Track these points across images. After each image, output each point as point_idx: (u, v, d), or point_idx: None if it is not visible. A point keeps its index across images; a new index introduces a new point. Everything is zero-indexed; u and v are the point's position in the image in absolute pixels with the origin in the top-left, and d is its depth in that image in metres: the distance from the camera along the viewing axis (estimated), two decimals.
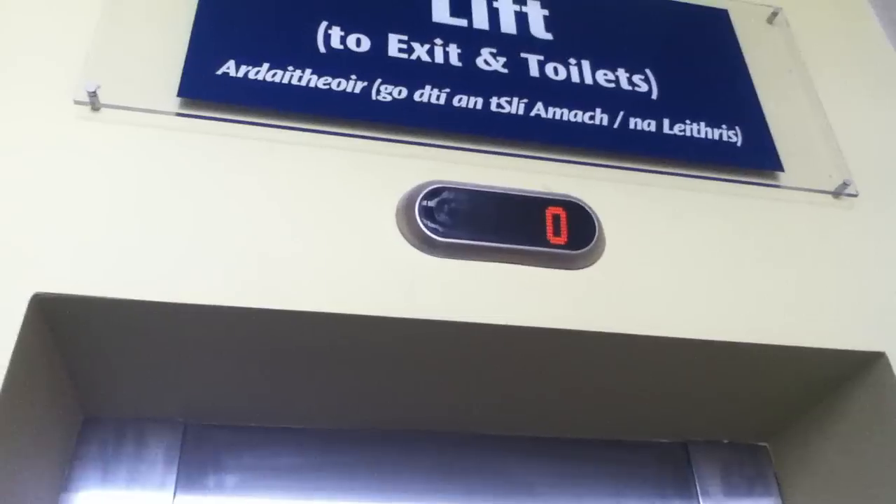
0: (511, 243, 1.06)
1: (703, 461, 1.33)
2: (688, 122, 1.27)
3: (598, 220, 1.11)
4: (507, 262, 1.05)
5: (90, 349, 0.97)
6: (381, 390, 1.12)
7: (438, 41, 1.24)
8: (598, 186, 1.16)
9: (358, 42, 1.19)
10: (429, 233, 1.03)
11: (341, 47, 1.18)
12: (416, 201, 1.05)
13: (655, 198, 1.18)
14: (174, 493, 1.08)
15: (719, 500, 1.29)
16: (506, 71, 1.24)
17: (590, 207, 1.12)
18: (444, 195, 1.07)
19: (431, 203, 1.06)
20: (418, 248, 1.03)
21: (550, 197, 1.12)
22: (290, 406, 1.14)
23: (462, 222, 1.06)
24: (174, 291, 0.91)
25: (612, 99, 1.26)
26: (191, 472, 1.11)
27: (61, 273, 0.89)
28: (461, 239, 1.04)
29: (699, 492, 1.30)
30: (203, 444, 1.13)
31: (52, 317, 0.90)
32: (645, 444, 1.32)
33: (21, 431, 0.90)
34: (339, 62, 1.16)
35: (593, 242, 1.09)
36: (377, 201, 1.05)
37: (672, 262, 1.12)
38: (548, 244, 1.07)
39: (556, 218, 1.10)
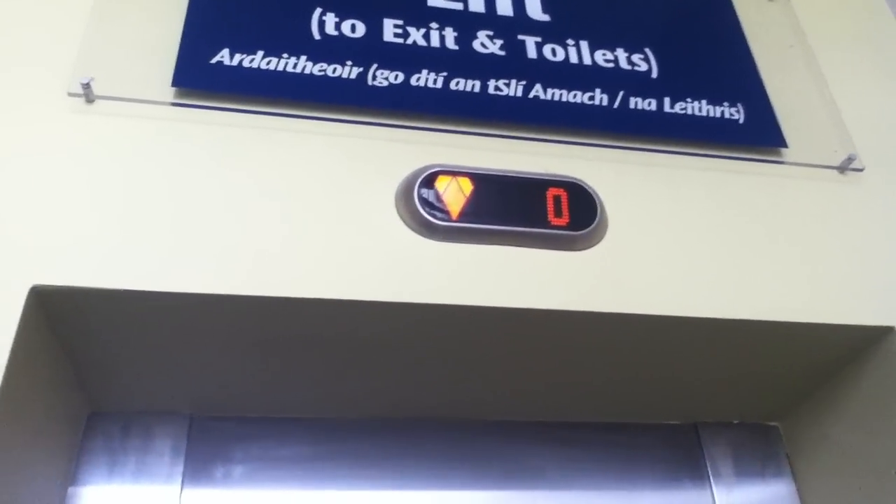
0: (512, 226, 1.05)
1: (713, 443, 1.31)
2: (689, 100, 1.25)
3: (600, 201, 1.10)
4: (508, 245, 1.04)
5: (92, 342, 0.97)
6: (386, 378, 1.11)
7: (434, 25, 1.22)
8: (600, 167, 1.15)
9: (353, 28, 1.18)
10: (428, 217, 1.02)
11: (336, 33, 1.16)
12: (414, 186, 1.04)
13: (658, 177, 1.17)
14: (182, 485, 1.08)
15: (731, 481, 1.28)
16: (503, 53, 1.22)
17: (591, 188, 1.10)
18: (443, 179, 1.06)
19: (430, 187, 1.04)
20: (418, 233, 1.02)
21: (551, 178, 1.10)
22: (295, 396, 1.13)
23: (462, 206, 1.05)
24: (173, 281, 0.90)
25: (611, 79, 1.24)
26: (198, 464, 1.10)
27: (59, 265, 0.88)
28: (461, 223, 1.03)
29: (711, 473, 1.29)
30: (209, 436, 1.13)
31: (51, 310, 0.89)
32: (655, 427, 1.31)
33: (26, 426, 0.90)
34: (334, 48, 1.14)
35: (595, 223, 1.08)
36: (376, 187, 1.04)
37: (676, 241, 1.11)
38: (549, 226, 1.06)
39: (557, 199, 1.08)
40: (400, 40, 1.19)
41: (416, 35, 1.20)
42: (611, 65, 1.26)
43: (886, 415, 1.13)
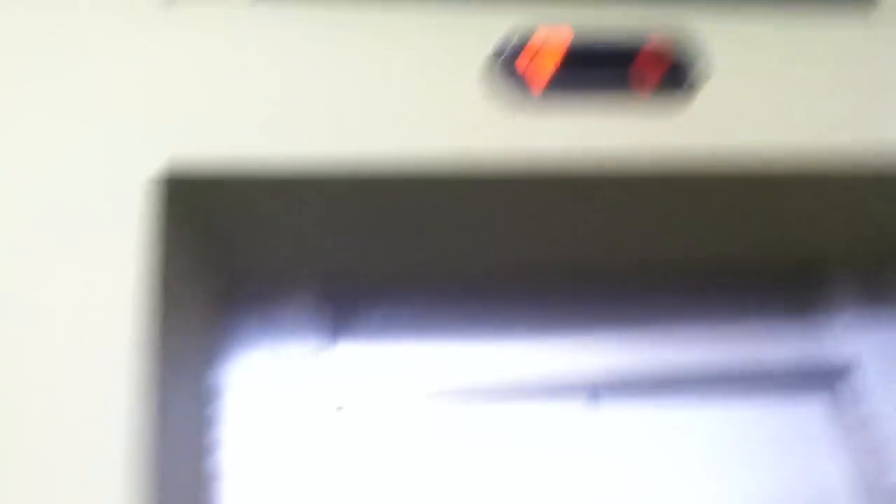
0: (604, 93, 1.05)
1: (834, 283, 1.32)
2: None
3: (693, 61, 1.10)
4: (605, 106, 1.05)
5: (227, 221, 1.04)
6: (506, 234, 1.16)
7: None
8: (693, 26, 1.13)
9: None
10: (518, 88, 1.03)
11: None
12: (501, 57, 1.05)
13: (752, 33, 1.15)
14: (327, 340, 1.18)
15: (852, 322, 1.29)
16: None
17: (683, 49, 1.10)
18: (533, 49, 1.07)
19: (518, 58, 1.06)
20: (508, 105, 1.03)
21: (640, 42, 1.10)
22: (421, 257, 1.19)
23: (554, 74, 1.06)
24: (292, 158, 0.96)
25: None
26: (339, 320, 1.21)
27: (190, 147, 0.94)
28: (554, 91, 1.05)
29: (832, 314, 1.30)
30: (346, 297, 1.23)
31: (185, 194, 0.95)
32: (774, 268, 1.32)
33: (171, 309, 0.95)
34: None
35: (692, 78, 1.08)
36: (463, 61, 1.05)
37: (775, 93, 1.10)
38: (646, 84, 1.07)
39: (648, 62, 1.08)
40: None
41: None
42: None
43: None
